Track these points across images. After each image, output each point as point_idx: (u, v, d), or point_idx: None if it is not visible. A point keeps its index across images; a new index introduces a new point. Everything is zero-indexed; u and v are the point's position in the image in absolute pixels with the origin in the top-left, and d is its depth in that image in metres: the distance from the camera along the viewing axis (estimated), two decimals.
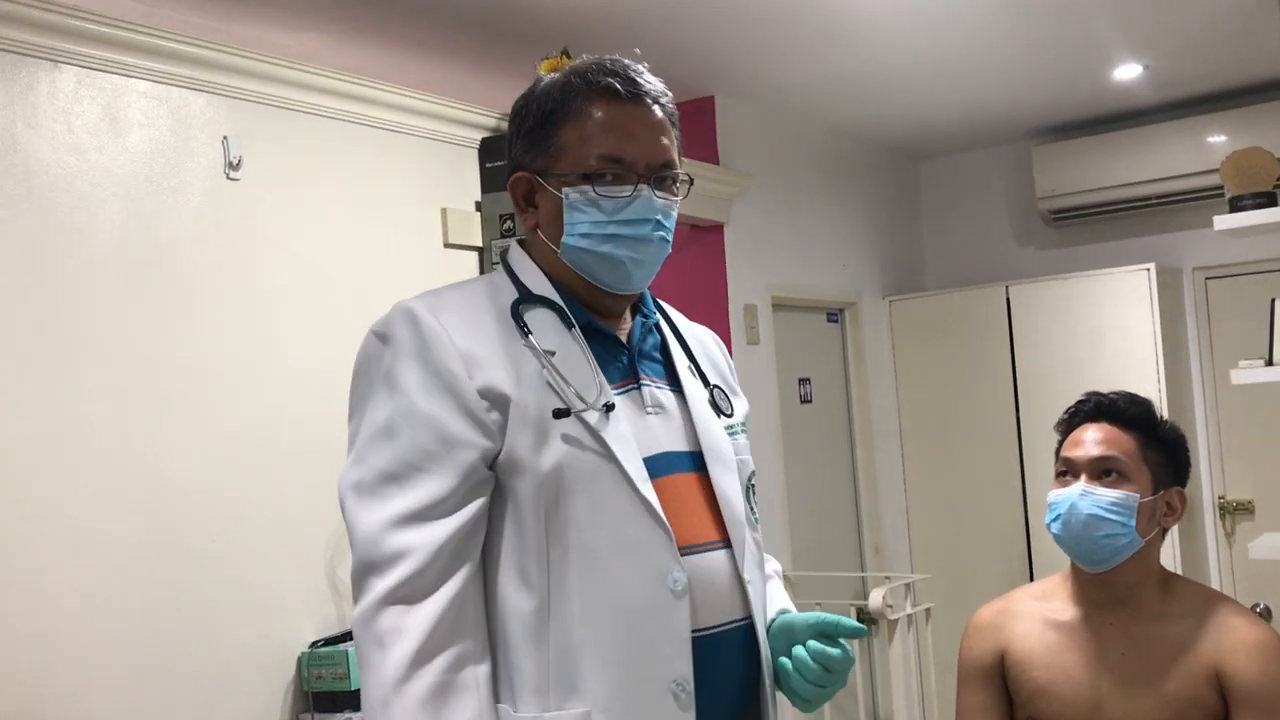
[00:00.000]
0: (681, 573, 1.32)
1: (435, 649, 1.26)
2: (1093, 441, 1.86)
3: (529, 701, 1.30)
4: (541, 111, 1.41)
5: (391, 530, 1.28)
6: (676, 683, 1.30)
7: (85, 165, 2.32)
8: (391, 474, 1.30)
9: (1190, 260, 4.96)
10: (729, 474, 1.44)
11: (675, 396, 1.45)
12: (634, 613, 1.30)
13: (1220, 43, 4.02)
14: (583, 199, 1.38)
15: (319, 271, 2.74)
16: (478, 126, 3.15)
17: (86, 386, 2.27)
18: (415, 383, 1.32)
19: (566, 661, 1.30)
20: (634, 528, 1.32)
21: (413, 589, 1.26)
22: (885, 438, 5.06)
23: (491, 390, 1.32)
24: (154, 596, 2.34)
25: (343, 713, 2.51)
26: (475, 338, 1.34)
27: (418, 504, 1.29)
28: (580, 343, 1.39)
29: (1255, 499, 4.86)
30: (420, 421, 1.31)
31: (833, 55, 3.84)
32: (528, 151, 1.42)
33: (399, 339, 1.35)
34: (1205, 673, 1.76)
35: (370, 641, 1.26)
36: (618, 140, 1.38)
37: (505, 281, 1.43)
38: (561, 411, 1.33)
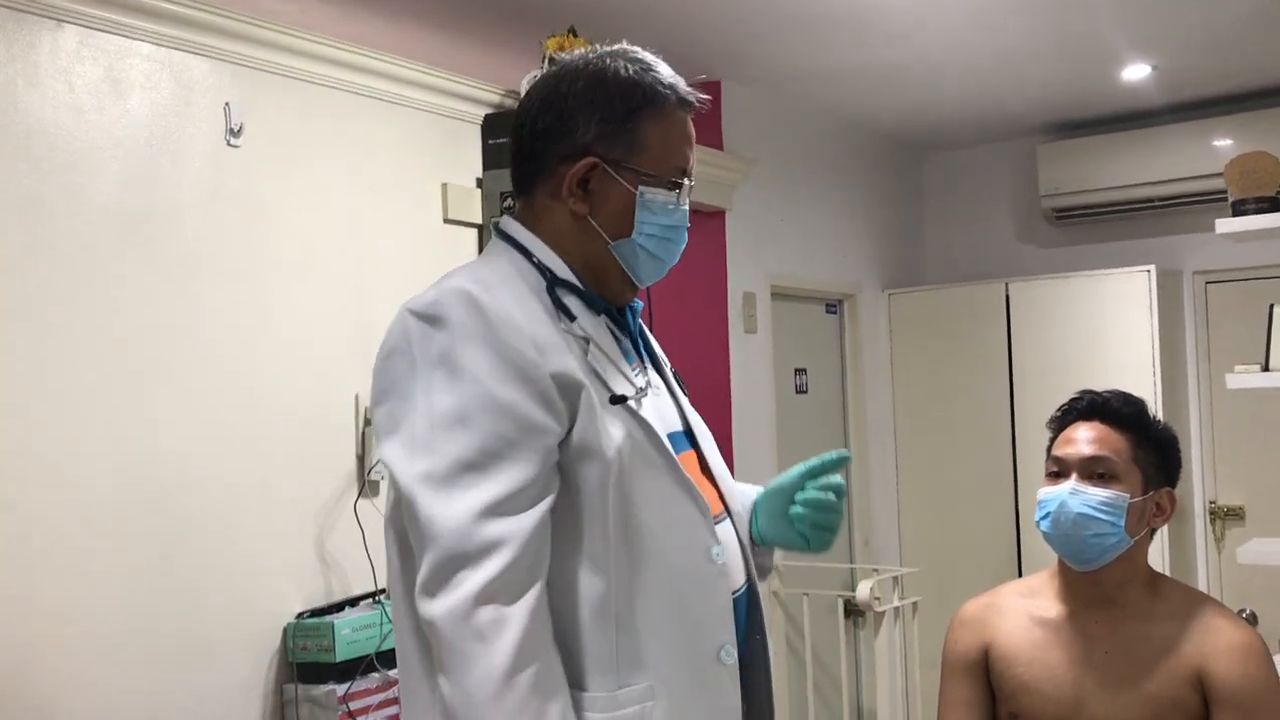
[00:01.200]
0: (718, 545, 1.41)
1: (536, 637, 1.26)
2: (1085, 440, 1.86)
3: (598, 681, 1.32)
4: (628, 102, 1.40)
5: (481, 521, 1.25)
6: (724, 649, 1.39)
7: (85, 126, 2.30)
8: (470, 463, 1.27)
9: (1191, 263, 4.96)
10: (714, 448, 1.54)
11: (659, 378, 1.52)
12: (685, 587, 1.37)
13: (1229, 45, 4.00)
14: (656, 201, 1.41)
15: (317, 242, 2.73)
16: (481, 102, 3.14)
17: (78, 349, 2.27)
18: (487, 368, 1.29)
19: (631, 639, 1.34)
20: (678, 506, 1.39)
21: (509, 580, 1.25)
22: (879, 430, 5.06)
23: (563, 376, 1.32)
24: (141, 565, 2.34)
25: (326, 684, 2.51)
26: (534, 321, 1.33)
27: (504, 493, 1.27)
28: (609, 329, 1.44)
29: (1246, 504, 4.86)
30: (497, 408, 1.28)
31: (842, 46, 3.83)
32: (605, 138, 1.40)
33: (458, 322, 1.30)
34: (1188, 674, 1.77)
35: (468, 636, 1.23)
36: (686, 151, 1.45)
37: (524, 263, 1.41)
38: (618, 398, 1.36)
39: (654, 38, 1.51)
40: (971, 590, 2.10)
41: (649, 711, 1.33)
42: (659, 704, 1.33)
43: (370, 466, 2.77)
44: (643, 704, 1.33)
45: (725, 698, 1.39)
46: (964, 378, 4.99)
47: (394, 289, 2.87)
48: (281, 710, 2.55)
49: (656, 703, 1.33)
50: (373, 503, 2.78)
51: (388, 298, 2.85)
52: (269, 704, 2.54)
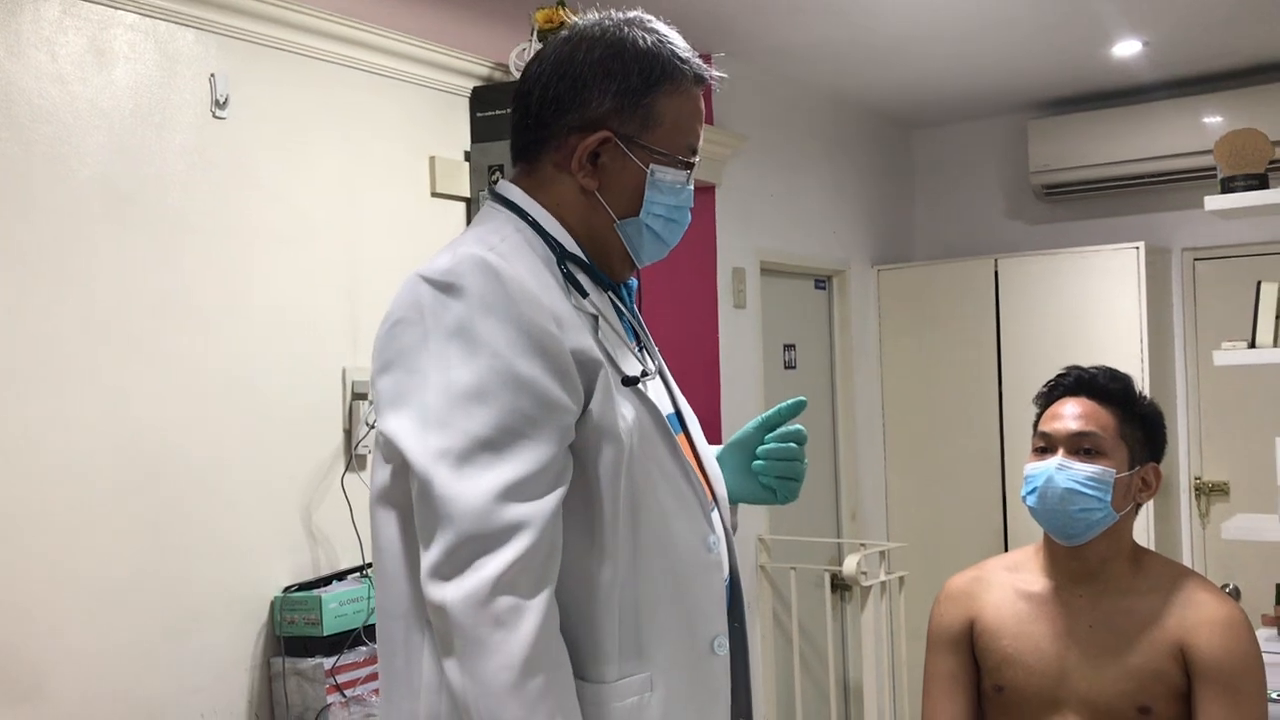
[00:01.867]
0: (714, 533, 1.37)
1: (552, 623, 1.22)
2: (1071, 416, 1.86)
3: (599, 670, 1.28)
4: (645, 75, 1.34)
5: (501, 503, 1.19)
6: (717, 639, 1.36)
7: (68, 97, 2.28)
8: (489, 441, 1.21)
9: (1179, 240, 4.97)
10: (700, 434, 1.49)
11: (650, 361, 1.46)
12: (686, 575, 1.34)
13: (1221, 22, 3.99)
14: (665, 180, 1.36)
15: (304, 215, 2.71)
16: (470, 75, 3.12)
17: (63, 322, 2.25)
18: (506, 341, 1.22)
19: (633, 627, 1.30)
20: (681, 493, 1.35)
21: (529, 565, 1.19)
22: (867, 406, 5.07)
23: (582, 352, 1.27)
24: (128, 537, 2.33)
25: (313, 657, 2.52)
26: (551, 295, 1.28)
27: (524, 473, 1.21)
28: (615, 308, 1.39)
29: (1230, 480, 4.89)
30: (518, 384, 1.22)
31: (833, 21, 3.81)
32: (619, 113, 1.34)
33: (476, 291, 1.23)
34: (1170, 647, 1.78)
35: (485, 623, 1.18)
36: (699, 129, 1.40)
37: (530, 233, 1.35)
38: (631, 380, 1.32)
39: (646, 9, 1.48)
40: (958, 565, 2.12)
41: (646, 702, 1.29)
42: (656, 694, 1.30)
43: (358, 440, 2.77)
44: (641, 694, 1.29)
45: (717, 688, 1.37)
46: (952, 354, 5.00)
47: (381, 262, 2.86)
48: (269, 683, 2.56)
49: (654, 693, 1.30)
50: (360, 477, 2.78)
51: (374, 271, 2.85)
52: (256, 677, 2.55)
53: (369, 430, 2.77)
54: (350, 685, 2.53)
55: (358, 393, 2.77)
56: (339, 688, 2.51)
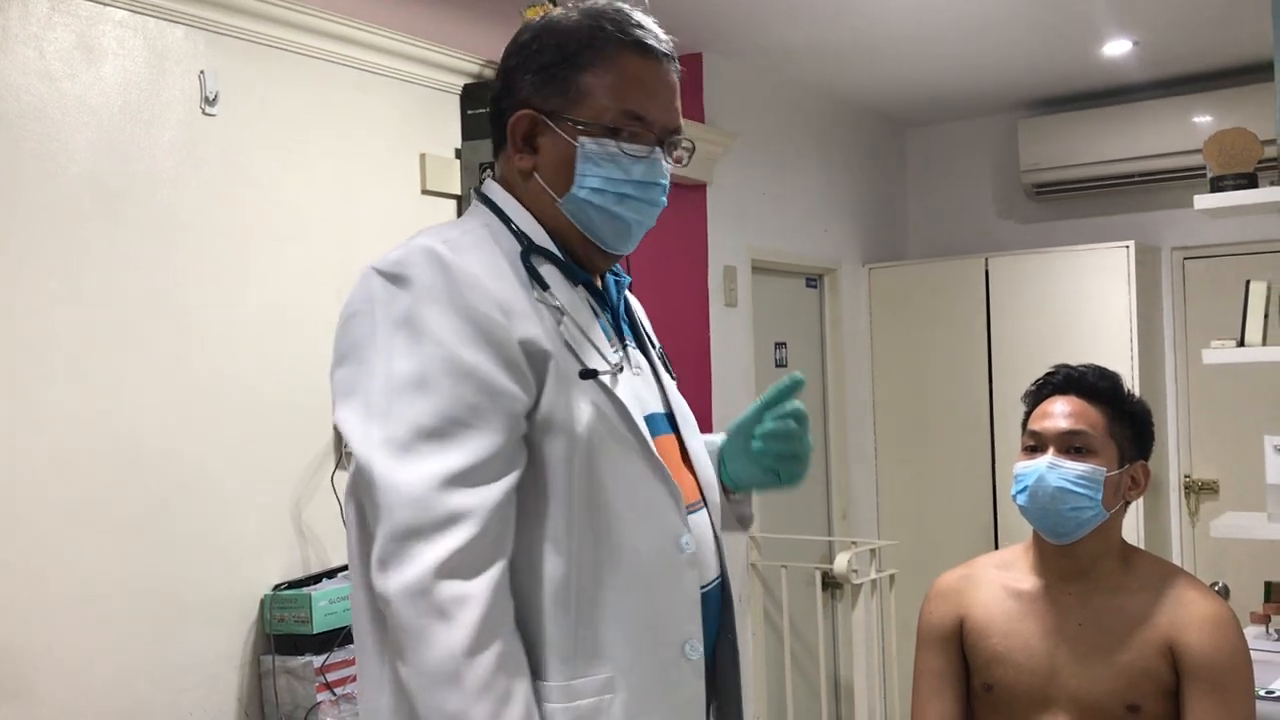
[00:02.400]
0: (689, 534, 1.33)
1: (499, 614, 1.19)
2: (1061, 414, 1.87)
3: (557, 670, 1.25)
4: (563, 50, 1.33)
5: (442, 492, 1.18)
6: (689, 643, 1.31)
7: (57, 93, 2.27)
8: (431, 430, 1.20)
9: (1169, 239, 4.98)
10: (695, 436, 1.45)
11: (643, 359, 1.44)
12: (652, 575, 1.29)
13: (1210, 22, 4.00)
14: (600, 152, 1.31)
15: (293, 212, 2.71)
16: (460, 72, 3.11)
17: (51, 319, 2.24)
18: (451, 330, 1.21)
19: (590, 627, 1.26)
20: (649, 491, 1.30)
21: (470, 555, 1.17)
22: (859, 404, 5.08)
23: (532, 343, 1.25)
24: (117, 535, 2.32)
25: (303, 655, 2.51)
26: (504, 286, 1.26)
27: (467, 463, 1.19)
28: (586, 300, 1.35)
29: (1220, 479, 4.91)
30: (461, 373, 1.21)
31: (824, 19, 3.81)
32: (541, 90, 1.33)
33: (422, 281, 1.23)
34: (1159, 645, 1.79)
35: (428, 612, 1.16)
36: (644, 98, 1.32)
37: (500, 226, 1.34)
38: (589, 372, 1.28)
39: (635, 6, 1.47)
40: (948, 563, 2.12)
41: (607, 704, 1.25)
42: (618, 696, 1.26)
43: None
44: (601, 696, 1.25)
45: (688, 694, 1.32)
46: (943, 352, 5.01)
47: (370, 260, 2.85)
48: (259, 681, 2.55)
49: (616, 695, 1.26)
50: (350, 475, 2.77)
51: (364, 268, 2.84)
52: (246, 675, 2.54)
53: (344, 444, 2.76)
54: (340, 683, 2.53)
55: None
56: (329, 686, 2.50)
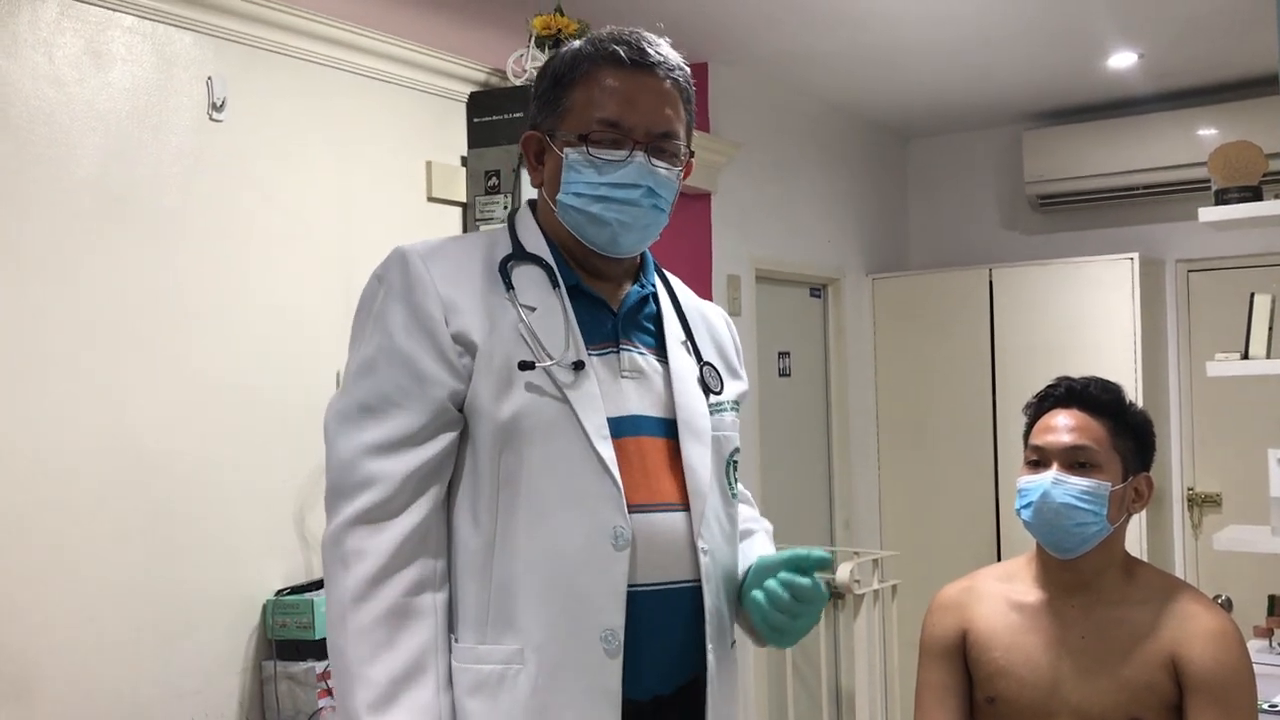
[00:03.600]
0: (626, 528, 1.37)
1: (394, 570, 1.34)
2: (1065, 429, 1.85)
3: (468, 632, 1.38)
4: (555, 76, 1.47)
5: (363, 458, 1.37)
6: (607, 631, 1.36)
7: (65, 98, 2.28)
8: (368, 406, 1.39)
9: (1173, 252, 4.98)
10: (699, 444, 1.47)
11: (659, 365, 1.48)
12: (573, 561, 1.36)
13: (1216, 35, 4.01)
14: (581, 159, 1.43)
15: (299, 219, 2.71)
16: (467, 80, 3.12)
17: (57, 322, 2.25)
18: (398, 323, 1.40)
19: (505, 599, 1.37)
20: (584, 481, 1.37)
21: (378, 514, 1.35)
22: (861, 414, 5.08)
23: (463, 336, 1.39)
24: (120, 540, 2.32)
25: (305, 661, 2.51)
26: (458, 286, 1.42)
27: (389, 435, 1.37)
28: (563, 301, 1.44)
29: (1223, 492, 4.90)
30: (398, 359, 1.39)
31: (829, 30, 3.82)
32: (540, 112, 1.48)
33: (390, 281, 1.43)
34: (1162, 658, 1.78)
35: (335, 561, 1.35)
36: (618, 106, 1.43)
37: (505, 239, 1.50)
38: (526, 364, 1.39)
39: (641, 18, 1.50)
40: (950, 574, 2.11)
41: (514, 674, 1.36)
42: (526, 669, 1.35)
43: None
44: (508, 665, 1.36)
45: (603, 683, 1.36)
46: (947, 363, 5.01)
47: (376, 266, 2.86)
48: (260, 687, 2.55)
49: (524, 668, 1.36)
50: None
51: (369, 275, 2.85)
52: (247, 680, 2.54)
53: None
54: None
55: None
56: (330, 692, 2.50)
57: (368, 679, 1.31)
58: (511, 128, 3.05)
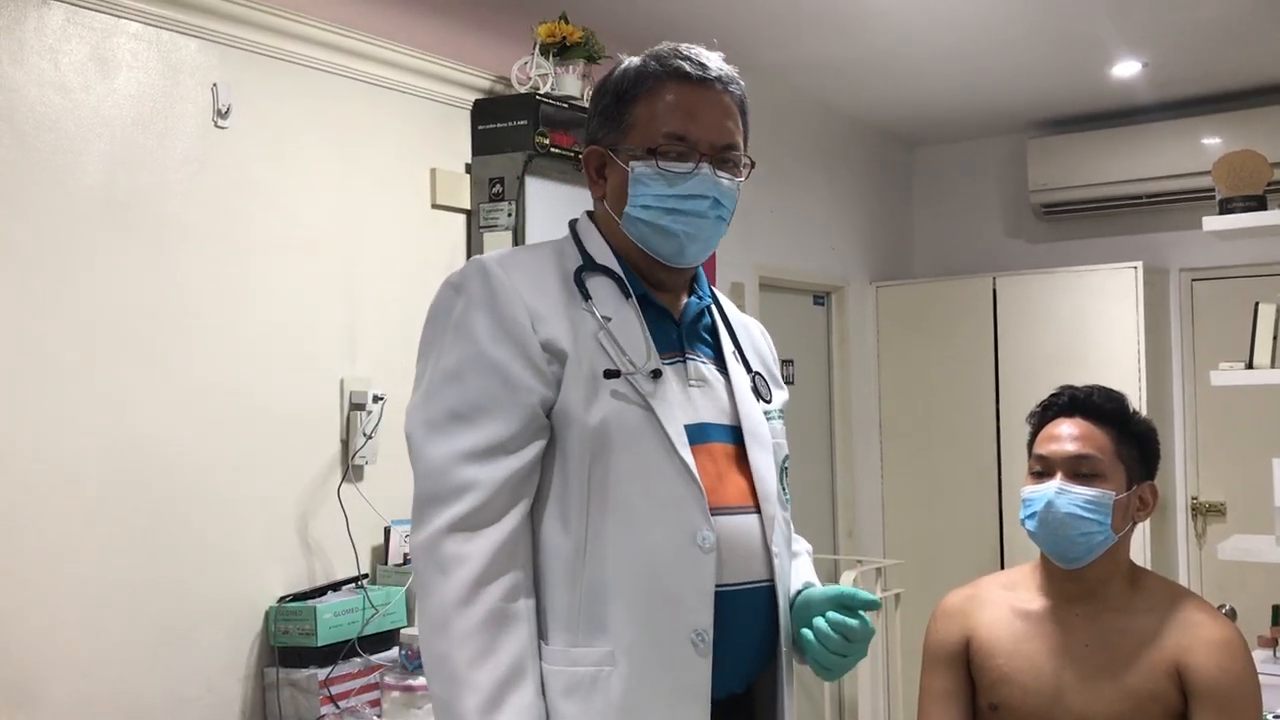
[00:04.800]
0: (710, 531, 1.41)
1: (494, 576, 1.35)
2: (1069, 438, 1.85)
3: (559, 636, 1.40)
4: (617, 91, 1.50)
5: (458, 465, 1.37)
6: (697, 632, 1.39)
7: (71, 105, 2.29)
8: (458, 413, 1.39)
9: (1178, 261, 4.97)
10: (764, 451, 1.52)
11: (720, 375, 1.54)
12: (662, 564, 1.39)
13: (1220, 44, 4.01)
14: (648, 173, 1.46)
15: (304, 225, 2.72)
16: (471, 87, 3.13)
17: (62, 328, 2.25)
18: (484, 331, 1.41)
19: (595, 603, 1.39)
20: (669, 486, 1.41)
21: (475, 520, 1.36)
22: (865, 423, 5.07)
23: (552, 344, 1.41)
24: (122, 545, 2.32)
25: (308, 668, 2.51)
26: (540, 295, 1.44)
27: (484, 442, 1.38)
28: (636, 311, 1.48)
29: (1227, 501, 4.89)
30: (487, 366, 1.40)
31: (834, 38, 3.82)
32: (602, 127, 1.51)
33: (471, 290, 1.43)
34: (1167, 667, 1.78)
35: (432, 567, 1.36)
36: (683, 119, 1.47)
37: (572, 249, 1.53)
38: (612, 372, 1.42)
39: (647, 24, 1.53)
40: (954, 582, 2.11)
41: (606, 675, 1.37)
42: (618, 670, 1.37)
43: (355, 451, 2.77)
44: (600, 667, 1.37)
45: (692, 681, 1.39)
46: (950, 371, 5.00)
47: (380, 273, 2.87)
48: (262, 693, 2.55)
49: (615, 669, 1.37)
50: (356, 487, 2.77)
51: (374, 282, 2.86)
52: (249, 687, 2.54)
53: (366, 440, 2.77)
54: (344, 696, 2.52)
55: (355, 403, 2.77)
56: (333, 699, 2.50)
57: (475, 683, 1.31)
58: (516, 135, 3.05)
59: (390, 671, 2.54)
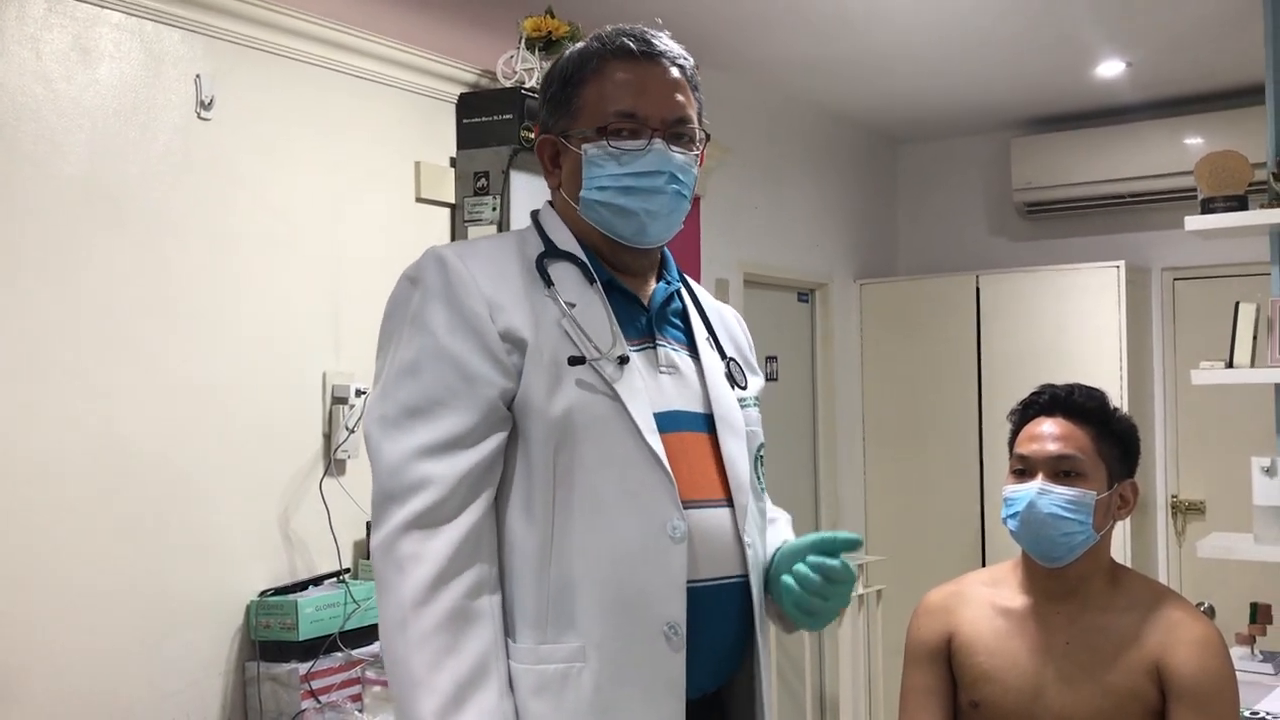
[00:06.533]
0: (681, 521, 1.38)
1: (453, 574, 1.31)
2: (1050, 437, 1.85)
3: (527, 633, 1.35)
4: (564, 76, 1.47)
5: (414, 461, 1.33)
6: (669, 625, 1.35)
7: (52, 95, 2.27)
8: (415, 408, 1.35)
9: (1160, 260, 5.00)
10: (737, 440, 1.49)
11: (691, 361, 1.51)
12: (632, 556, 1.35)
13: (1203, 45, 4.03)
14: (600, 153, 1.43)
15: (287, 218, 2.70)
16: (456, 81, 3.12)
17: (41, 320, 2.24)
18: (441, 323, 1.37)
19: (564, 598, 1.35)
20: (639, 475, 1.37)
21: (433, 517, 1.32)
22: (848, 419, 5.08)
23: (512, 333, 1.37)
24: (103, 537, 2.31)
25: (289, 662, 2.50)
26: (499, 284, 1.40)
27: (440, 437, 1.34)
28: (601, 297, 1.44)
29: (1207, 499, 4.92)
30: (445, 359, 1.36)
31: (819, 35, 3.82)
32: (552, 115, 1.48)
33: (428, 282, 1.40)
34: (1146, 665, 1.79)
35: (390, 566, 1.32)
36: (631, 97, 1.44)
37: (534, 236, 1.49)
38: (576, 359, 1.38)
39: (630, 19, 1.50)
40: (936, 579, 2.11)
41: (577, 672, 1.33)
42: (589, 667, 1.33)
43: (338, 445, 2.76)
44: (570, 664, 1.34)
45: (666, 674, 1.35)
46: (933, 368, 5.02)
47: (364, 266, 2.85)
48: (243, 688, 2.54)
49: (587, 665, 1.33)
50: (339, 481, 2.76)
51: (357, 275, 2.84)
52: (230, 681, 2.53)
53: (349, 435, 2.76)
54: (325, 691, 2.52)
55: (338, 397, 2.76)
56: (313, 694, 2.49)
57: (433, 686, 1.27)
58: (501, 129, 3.04)
59: (371, 666, 2.53)
